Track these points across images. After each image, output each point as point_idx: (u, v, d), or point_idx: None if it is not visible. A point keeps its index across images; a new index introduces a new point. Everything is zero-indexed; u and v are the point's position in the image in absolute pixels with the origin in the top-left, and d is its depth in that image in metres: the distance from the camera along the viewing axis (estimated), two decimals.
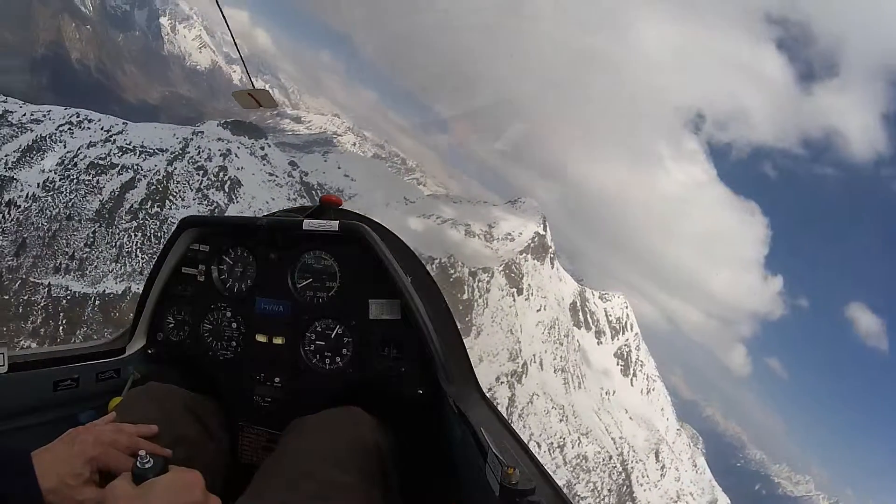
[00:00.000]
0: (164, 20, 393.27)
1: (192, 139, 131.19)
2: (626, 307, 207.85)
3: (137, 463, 1.02)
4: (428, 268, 2.15)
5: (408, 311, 1.80)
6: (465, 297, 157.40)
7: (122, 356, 1.98)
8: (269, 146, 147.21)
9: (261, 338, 1.92)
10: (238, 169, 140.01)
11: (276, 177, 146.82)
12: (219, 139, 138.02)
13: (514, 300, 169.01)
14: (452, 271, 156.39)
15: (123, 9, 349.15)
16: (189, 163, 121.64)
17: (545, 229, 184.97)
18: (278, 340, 1.90)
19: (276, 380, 1.89)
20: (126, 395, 1.70)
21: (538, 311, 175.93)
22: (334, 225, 1.82)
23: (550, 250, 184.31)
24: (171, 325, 2.04)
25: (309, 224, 1.85)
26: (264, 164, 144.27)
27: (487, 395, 1.79)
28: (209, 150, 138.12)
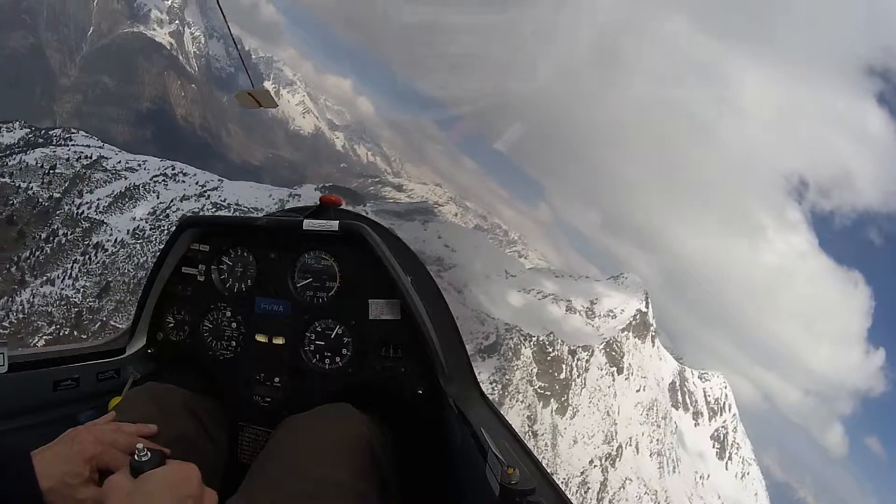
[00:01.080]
0: (268, 84, 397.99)
1: (287, 201, 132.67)
2: (725, 387, 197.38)
3: (135, 456, 1.03)
4: (430, 271, 2.14)
5: (408, 311, 1.78)
6: (563, 376, 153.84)
7: (122, 356, 1.98)
8: (368, 213, 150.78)
9: (261, 338, 1.91)
10: None
11: None
12: None
13: (613, 380, 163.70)
14: (551, 349, 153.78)
15: (228, 71, 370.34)
16: None
17: (647, 306, 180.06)
18: (278, 340, 1.90)
19: (276, 380, 1.88)
20: (126, 395, 1.70)
21: (637, 391, 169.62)
22: (334, 225, 1.81)
23: (652, 328, 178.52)
24: (171, 325, 2.03)
25: (309, 224, 1.84)
26: None
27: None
28: None
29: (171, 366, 2.04)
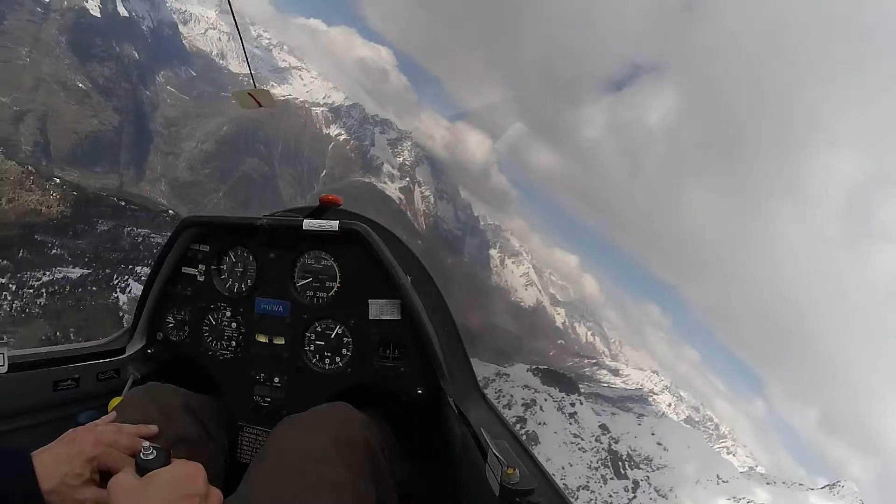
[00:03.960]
0: (493, 251, 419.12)
1: (493, 380, 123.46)
2: None
3: (141, 454, 1.03)
4: (427, 268, 2.14)
5: (408, 311, 1.78)
6: None
7: (122, 356, 1.98)
8: (581, 403, 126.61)
9: (261, 338, 1.91)
10: (539, 424, 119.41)
11: (582, 440, 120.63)
12: (525, 386, 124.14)
13: None
14: None
15: (455, 234, 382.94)
16: None
17: None
18: (278, 340, 1.90)
19: (276, 380, 1.88)
20: (126, 395, 1.69)
21: None
22: (334, 225, 1.81)
23: None
24: (171, 325, 2.03)
25: (309, 224, 1.84)
26: (571, 423, 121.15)
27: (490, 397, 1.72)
28: (511, 395, 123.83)
29: (171, 366, 2.04)
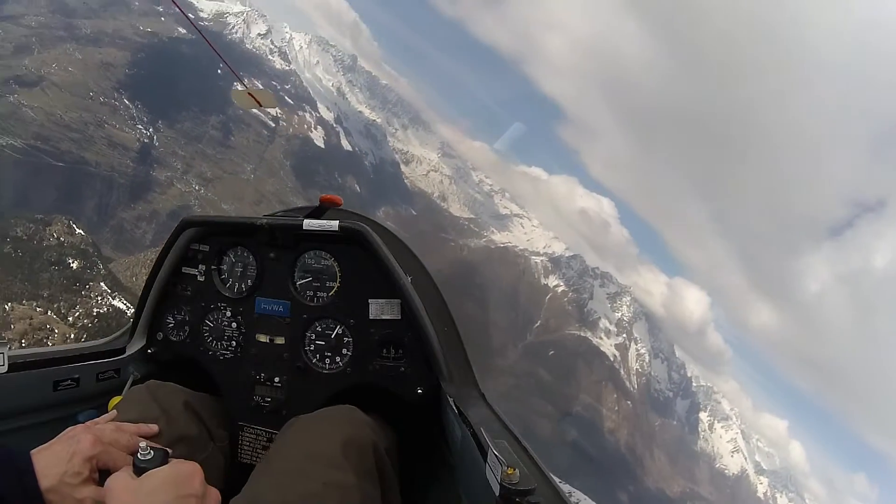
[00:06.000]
0: (703, 415, 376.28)
1: None
2: None
3: (138, 455, 1.02)
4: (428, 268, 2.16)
5: (408, 311, 1.78)
6: None
7: (122, 356, 1.98)
8: None
9: (261, 338, 1.91)
10: None
11: None
12: None
13: None
14: None
15: (666, 395, 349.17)
16: None
17: None
18: (279, 340, 1.90)
19: (276, 380, 1.88)
20: (126, 394, 1.69)
21: None
22: (334, 225, 1.81)
23: None
24: (171, 325, 2.04)
25: (309, 224, 1.84)
26: None
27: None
28: None
29: (172, 366, 2.04)
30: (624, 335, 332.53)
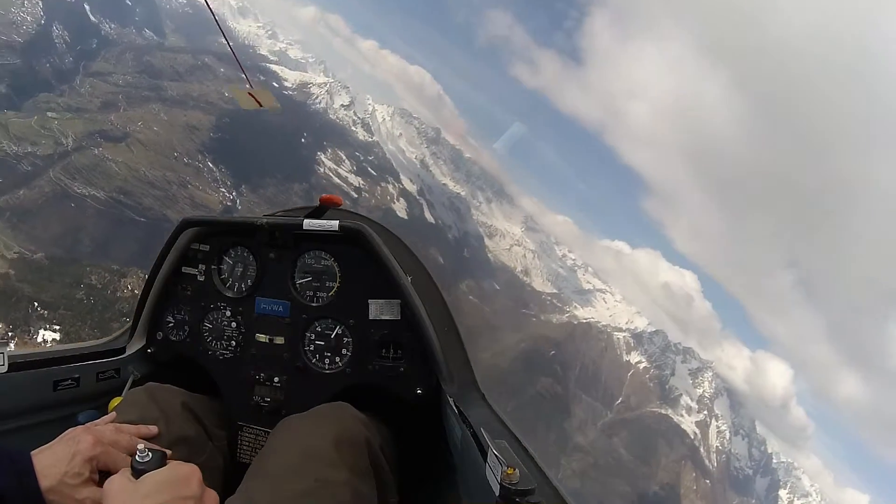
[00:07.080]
0: (783, 492, 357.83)
1: None
2: None
3: (136, 457, 1.02)
4: (427, 267, 2.14)
5: (407, 311, 1.78)
6: None
7: (122, 356, 1.98)
8: None
9: (261, 338, 1.91)
10: None
11: None
12: None
13: None
14: None
15: (746, 472, 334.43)
16: None
17: None
18: (278, 340, 1.90)
19: (276, 380, 1.89)
20: (126, 395, 1.68)
21: None
22: (334, 225, 1.81)
23: None
24: (171, 325, 2.03)
25: (309, 224, 1.84)
26: None
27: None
28: None
29: (171, 366, 2.03)
30: (705, 412, 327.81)
